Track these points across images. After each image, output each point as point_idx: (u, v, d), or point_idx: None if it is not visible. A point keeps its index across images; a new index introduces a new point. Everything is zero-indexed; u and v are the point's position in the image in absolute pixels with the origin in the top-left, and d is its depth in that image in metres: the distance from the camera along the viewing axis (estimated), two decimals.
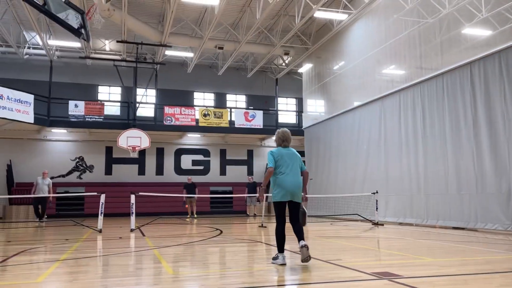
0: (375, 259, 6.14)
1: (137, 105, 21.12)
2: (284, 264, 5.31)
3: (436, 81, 12.31)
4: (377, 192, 13.73)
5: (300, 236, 5.34)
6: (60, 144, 21.66)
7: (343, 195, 16.32)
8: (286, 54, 21.24)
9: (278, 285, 4.32)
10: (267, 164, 5.60)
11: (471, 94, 10.97)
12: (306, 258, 5.19)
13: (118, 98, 23.84)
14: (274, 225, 5.62)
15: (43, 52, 20.99)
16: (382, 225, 13.11)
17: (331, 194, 17.48)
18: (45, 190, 15.22)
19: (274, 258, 5.48)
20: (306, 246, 5.20)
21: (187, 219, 17.03)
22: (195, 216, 17.73)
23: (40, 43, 19.65)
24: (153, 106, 22.97)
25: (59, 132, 21.31)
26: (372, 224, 13.33)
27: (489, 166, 10.30)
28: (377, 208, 13.54)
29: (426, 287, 3.83)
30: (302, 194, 5.59)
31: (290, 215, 5.49)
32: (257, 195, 17.49)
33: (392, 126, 14.30)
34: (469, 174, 10.89)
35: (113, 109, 23.21)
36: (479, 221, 10.53)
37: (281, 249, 5.43)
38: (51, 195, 15.52)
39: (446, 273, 4.71)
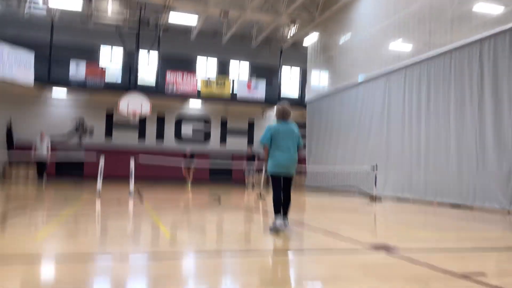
0: (373, 231, 6.17)
1: (139, 70, 20.86)
2: (280, 227, 5.36)
3: (444, 58, 12.08)
4: (376, 166, 13.72)
5: (285, 211, 5.46)
6: (60, 106, 21.54)
7: (343, 169, 16.36)
8: (292, 23, 20.81)
9: (275, 252, 4.34)
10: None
11: (479, 72, 10.79)
12: (277, 230, 5.24)
13: (120, 60, 23.51)
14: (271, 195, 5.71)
15: (44, 12, 20.56)
16: (380, 199, 13.18)
17: (331, 167, 17.51)
18: (44, 153, 15.25)
19: (272, 225, 5.44)
20: (286, 225, 5.34)
21: (187, 186, 17.10)
22: (189, 183, 17.70)
23: (41, 2, 19.21)
24: (155, 71, 22.70)
25: (59, 94, 21.15)
26: (370, 198, 13.40)
27: (491, 145, 10.25)
28: (376, 183, 13.57)
29: (423, 260, 3.83)
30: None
31: (283, 186, 5.58)
32: (255, 165, 17.53)
33: (396, 102, 14.15)
34: (471, 153, 10.85)
35: (114, 74, 22.94)
36: (477, 199, 10.56)
37: (277, 211, 5.46)
38: (50, 154, 15.56)
39: (442, 247, 4.72)
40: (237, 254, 3.95)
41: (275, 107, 5.86)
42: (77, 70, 19.87)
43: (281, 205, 5.48)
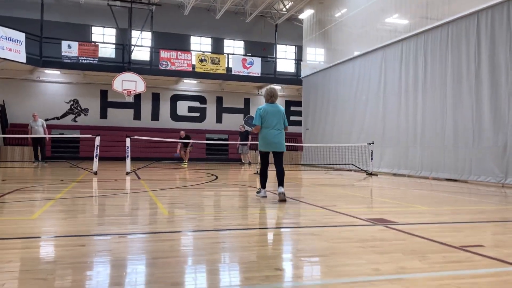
0: (370, 206, 6.19)
1: (132, 48, 20.54)
2: (265, 197, 6.38)
3: (441, 31, 11.94)
4: (373, 143, 13.73)
5: (280, 181, 6.21)
6: (54, 85, 21.26)
7: (339, 145, 16.37)
8: None
9: (273, 228, 4.35)
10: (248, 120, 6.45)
11: (476, 44, 10.68)
12: (282, 200, 6.04)
13: (113, 40, 23.13)
14: (269, 172, 6.54)
15: None
16: (376, 175, 13.24)
17: (327, 144, 17.52)
18: (40, 131, 15.14)
19: (258, 192, 6.58)
20: (283, 194, 6.07)
21: (184, 165, 17.10)
22: (186, 162, 17.68)
23: None
24: (148, 49, 22.34)
25: (52, 73, 20.85)
26: (366, 174, 13.45)
27: (487, 119, 10.23)
28: (372, 159, 13.61)
29: (420, 233, 3.85)
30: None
31: (274, 160, 6.40)
32: (248, 143, 17.51)
33: (392, 76, 14.05)
34: (467, 127, 10.85)
35: (107, 51, 22.59)
36: (473, 174, 10.62)
37: (263, 185, 6.49)
38: (47, 135, 15.49)
39: (439, 220, 4.75)
40: (234, 230, 3.95)
41: (265, 89, 6.55)
42: (70, 49, 19.52)
43: (267, 177, 6.51)
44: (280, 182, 6.18)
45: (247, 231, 3.97)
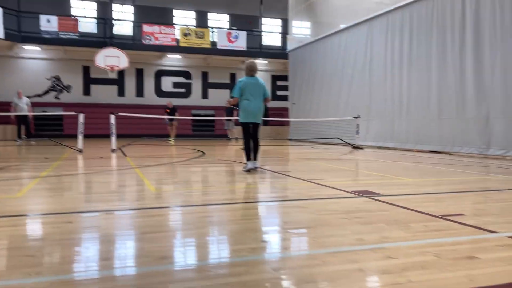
0: (355, 179, 6.29)
1: (114, 22, 20.04)
2: (252, 168, 6.49)
3: (426, 3, 11.89)
4: (359, 116, 13.83)
5: (255, 154, 6.64)
6: (34, 62, 20.72)
7: (326, 119, 16.44)
8: None
9: (259, 202, 4.40)
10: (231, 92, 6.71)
11: (461, 17, 10.68)
12: (250, 172, 6.40)
13: (93, 14, 22.52)
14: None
15: None
16: (362, 148, 13.39)
17: (314, 118, 17.58)
18: (25, 110, 14.88)
19: (244, 167, 6.63)
20: (257, 167, 6.54)
21: (170, 142, 17.03)
22: (172, 138, 17.64)
23: None
24: (131, 23, 21.84)
25: (32, 49, 20.28)
26: (353, 147, 13.60)
27: (471, 91, 10.36)
28: (358, 132, 13.73)
29: (403, 204, 3.94)
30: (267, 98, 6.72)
31: (252, 133, 6.69)
32: (233, 118, 17.45)
33: (378, 49, 14.04)
34: (451, 100, 10.98)
35: (89, 26, 22.01)
36: (456, 145, 10.82)
37: (248, 158, 6.63)
38: (31, 113, 15.24)
39: (422, 191, 4.86)
40: (221, 205, 3.99)
41: (245, 62, 6.86)
42: (49, 24, 18.96)
43: (251, 152, 6.61)
44: (255, 156, 6.63)
45: (234, 205, 4.01)
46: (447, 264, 2.24)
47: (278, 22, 26.02)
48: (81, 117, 11.08)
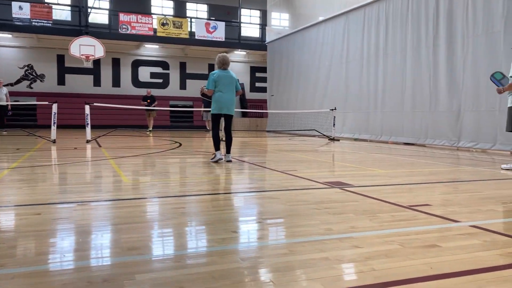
0: (329, 170, 6.37)
1: (89, 10, 19.58)
2: (220, 159, 6.71)
3: None
4: (335, 109, 13.97)
5: (228, 148, 6.86)
6: (6, 50, 20.10)
7: (303, 111, 16.55)
8: None
9: (233, 193, 4.42)
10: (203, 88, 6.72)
11: (435, 10, 10.87)
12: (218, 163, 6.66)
13: (68, 1, 21.94)
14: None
15: None
16: (338, 140, 13.56)
17: (291, 110, 17.66)
18: (3, 99, 14.47)
19: (212, 158, 6.84)
20: (230, 161, 6.74)
21: (148, 133, 16.85)
22: (150, 129, 17.49)
23: None
24: (107, 12, 21.38)
25: (3, 37, 19.65)
26: (329, 139, 13.75)
27: (443, 85, 10.60)
28: (334, 124, 13.88)
29: (373, 195, 4.02)
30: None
31: (224, 125, 6.96)
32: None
33: (355, 42, 14.17)
34: (424, 93, 11.20)
35: (63, 14, 21.45)
36: (429, 137, 11.07)
37: (217, 148, 6.79)
38: (10, 103, 14.83)
39: (393, 182, 4.97)
40: (194, 196, 4.00)
41: (217, 56, 6.94)
42: (21, 11, 18.37)
43: (220, 142, 6.84)
44: (228, 150, 6.85)
45: (207, 197, 4.02)
46: (410, 252, 2.31)
47: (257, 13, 25.92)
48: (55, 107, 10.84)
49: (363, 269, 2.07)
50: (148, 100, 17.04)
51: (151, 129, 17.50)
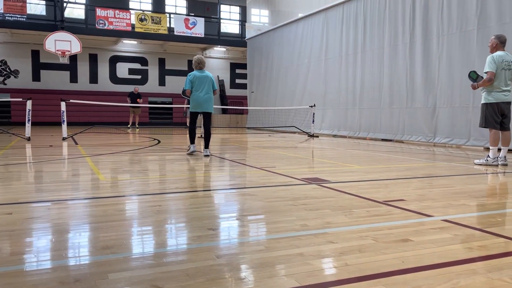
0: (308, 166, 6.42)
1: (65, 4, 19.16)
2: (194, 151, 7.32)
3: None
4: (314, 105, 14.07)
5: (206, 143, 7.28)
6: None
7: (283, 108, 16.61)
8: None
9: (210, 190, 4.40)
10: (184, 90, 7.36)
11: (411, 10, 11.04)
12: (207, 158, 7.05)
13: None
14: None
15: None
16: (317, 136, 13.67)
17: (271, 106, 17.70)
18: None
19: (187, 150, 7.40)
20: (208, 156, 7.11)
21: (128, 130, 16.66)
22: (137, 127, 17.43)
23: None
24: (83, 7, 20.96)
25: None
26: (308, 136, 13.84)
27: (419, 82, 10.79)
28: (313, 121, 13.98)
29: (350, 190, 4.07)
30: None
31: (203, 121, 7.36)
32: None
33: (333, 39, 14.28)
34: (401, 89, 11.39)
35: (37, 8, 20.94)
36: (406, 134, 11.26)
37: (192, 141, 7.39)
38: None
39: (370, 178, 5.04)
40: (171, 194, 3.97)
41: (193, 58, 7.37)
42: None
43: (195, 136, 7.41)
44: (206, 144, 7.27)
45: (184, 194, 4.00)
46: (383, 247, 2.35)
47: (237, 9, 25.84)
48: (29, 104, 10.58)
49: (336, 264, 2.09)
50: (138, 100, 17.04)
51: (137, 126, 17.50)
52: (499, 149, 6.37)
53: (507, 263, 2.12)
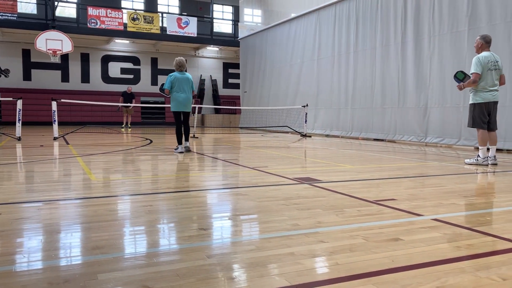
0: (300, 166, 6.43)
1: (56, 3, 19.01)
2: (182, 152, 7.64)
3: None
4: (307, 105, 14.10)
5: (186, 137, 7.91)
6: None
7: (275, 108, 16.62)
8: None
9: (202, 190, 4.40)
10: (163, 84, 7.76)
11: (403, 10, 11.11)
12: (188, 151, 7.84)
13: None
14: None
15: None
16: (310, 136, 13.70)
17: (264, 106, 17.71)
18: None
19: (175, 149, 7.81)
20: (188, 147, 7.91)
21: (122, 129, 16.59)
22: (129, 126, 17.38)
23: None
24: (75, 5, 20.81)
25: None
26: (301, 135, 13.87)
27: (411, 82, 10.86)
28: (306, 121, 14.02)
29: (341, 190, 4.09)
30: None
31: (183, 120, 7.89)
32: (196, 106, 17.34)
33: (326, 39, 14.32)
34: (393, 89, 11.45)
35: (28, 6, 20.76)
36: (398, 133, 11.33)
37: (179, 142, 7.79)
38: None
39: (361, 178, 5.06)
40: (163, 193, 3.96)
41: (174, 59, 7.78)
42: None
43: (182, 135, 7.78)
44: (186, 138, 7.92)
45: (176, 194, 3.99)
46: (373, 246, 2.37)
47: (230, 9, 25.81)
48: (19, 103, 10.49)
49: (327, 264, 2.10)
50: (133, 100, 17.08)
51: (129, 126, 17.47)
52: (488, 149, 6.43)
53: (495, 261, 2.14)
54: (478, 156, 6.42)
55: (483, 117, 6.27)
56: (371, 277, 1.92)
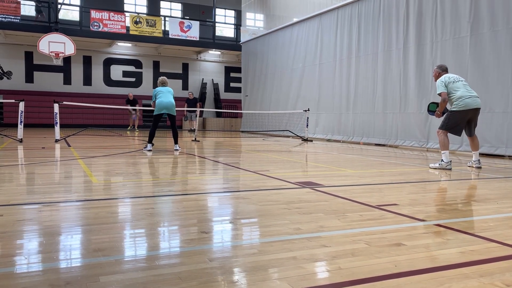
0: (301, 170, 6.42)
1: (59, 6, 19.08)
2: (150, 150, 8.51)
3: (374, 1, 12.28)
4: (308, 110, 14.11)
5: (175, 140, 8.89)
6: None
7: (277, 112, 16.63)
8: None
9: (204, 193, 4.39)
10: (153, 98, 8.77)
11: (405, 15, 11.13)
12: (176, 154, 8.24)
13: None
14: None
15: None
16: (311, 141, 13.69)
17: (266, 110, 17.72)
18: None
19: (145, 147, 8.75)
20: (177, 150, 8.69)
21: (128, 132, 16.72)
22: (137, 130, 17.65)
23: None
24: (77, 8, 20.89)
25: None
26: (302, 140, 13.86)
27: (413, 87, 10.86)
28: (307, 125, 14.01)
29: (343, 195, 4.08)
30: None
31: (170, 124, 8.99)
32: (196, 109, 17.32)
33: (328, 44, 14.35)
34: (395, 94, 11.45)
35: (31, 9, 20.83)
36: (399, 138, 11.32)
37: (150, 141, 8.75)
38: None
39: (363, 182, 5.05)
40: (164, 196, 3.95)
41: (158, 78, 9.03)
42: None
43: (154, 137, 8.78)
44: (175, 141, 8.86)
45: (177, 197, 3.98)
46: (376, 251, 2.35)
47: (232, 13, 25.88)
48: (21, 105, 10.51)
49: (329, 268, 2.09)
50: (137, 106, 17.35)
51: (136, 129, 17.74)
52: (473, 153, 6.43)
53: (498, 267, 2.13)
54: (442, 160, 6.43)
55: (461, 123, 6.30)
56: (374, 282, 1.91)
